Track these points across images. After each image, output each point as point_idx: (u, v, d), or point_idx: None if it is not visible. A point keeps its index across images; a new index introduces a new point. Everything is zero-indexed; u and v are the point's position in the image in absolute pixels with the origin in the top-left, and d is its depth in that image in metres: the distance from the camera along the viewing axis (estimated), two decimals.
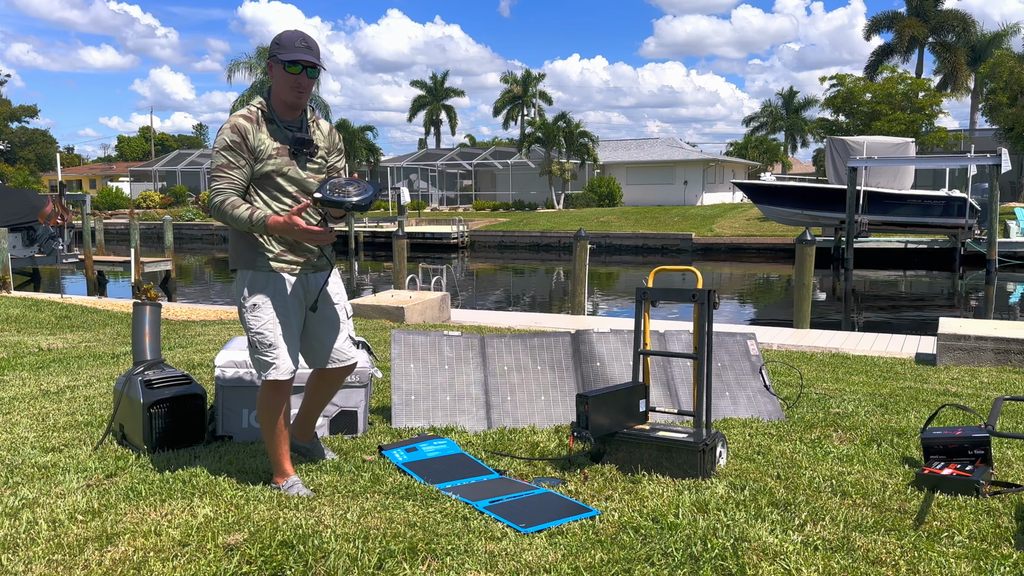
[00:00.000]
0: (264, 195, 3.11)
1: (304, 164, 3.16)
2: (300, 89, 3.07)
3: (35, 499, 2.99)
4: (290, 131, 3.13)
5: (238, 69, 43.59)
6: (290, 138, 3.11)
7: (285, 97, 3.09)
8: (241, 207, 2.99)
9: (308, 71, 3.06)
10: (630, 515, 2.85)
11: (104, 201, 49.26)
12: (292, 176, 3.13)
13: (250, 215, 2.97)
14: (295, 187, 3.14)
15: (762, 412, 4.57)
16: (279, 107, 3.13)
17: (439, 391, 4.40)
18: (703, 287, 3.56)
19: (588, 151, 41.43)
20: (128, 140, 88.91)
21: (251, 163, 3.07)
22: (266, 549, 2.47)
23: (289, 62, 3.02)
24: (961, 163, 25.80)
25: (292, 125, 3.15)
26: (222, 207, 3.01)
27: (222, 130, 3.05)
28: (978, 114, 41.32)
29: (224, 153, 3.03)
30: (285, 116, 3.14)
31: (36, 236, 21.34)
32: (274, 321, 3.10)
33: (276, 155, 3.09)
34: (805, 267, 10.53)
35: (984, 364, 6.89)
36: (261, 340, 3.10)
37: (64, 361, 6.58)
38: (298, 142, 3.12)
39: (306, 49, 3.05)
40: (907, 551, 2.57)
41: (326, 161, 3.26)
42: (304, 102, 3.15)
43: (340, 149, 3.33)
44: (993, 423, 3.34)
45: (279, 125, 3.11)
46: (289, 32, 3.10)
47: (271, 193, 3.11)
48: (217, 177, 3.04)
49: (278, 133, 3.11)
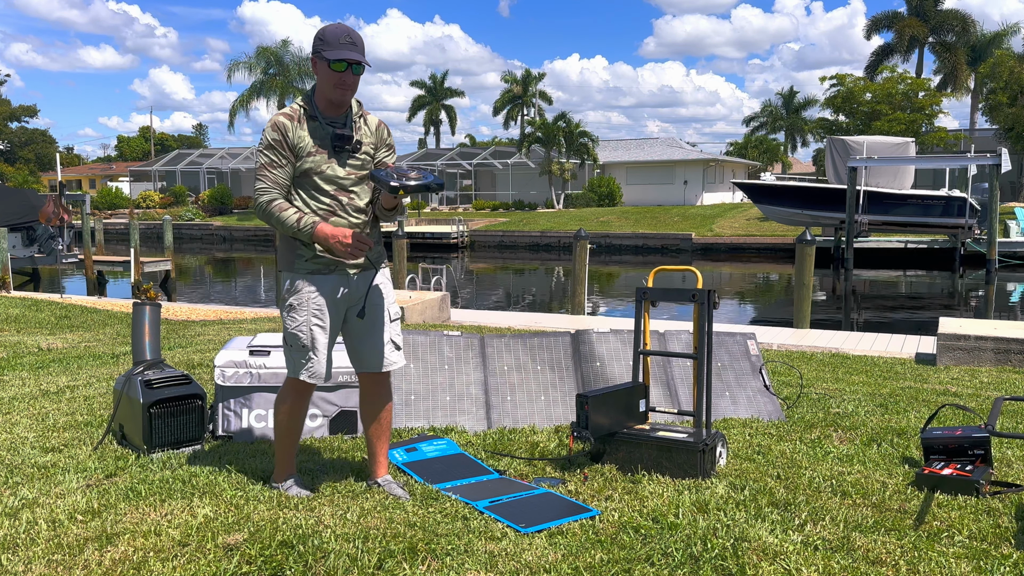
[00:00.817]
0: (303, 193, 3.04)
1: (344, 161, 3.07)
2: (345, 87, 3.00)
3: (35, 499, 2.99)
4: (332, 128, 3.05)
5: (238, 69, 43.67)
6: (330, 135, 3.04)
7: (329, 94, 3.03)
8: (288, 211, 2.95)
9: (353, 68, 2.99)
10: (630, 515, 2.85)
11: (104, 201, 49.26)
12: (329, 174, 3.05)
13: (297, 219, 2.92)
14: (333, 185, 3.05)
15: (762, 412, 4.57)
16: (323, 104, 3.06)
17: (439, 391, 4.40)
18: (703, 287, 3.56)
19: (588, 151, 41.43)
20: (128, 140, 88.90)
21: (292, 161, 3.01)
22: (266, 549, 2.46)
23: (334, 60, 2.94)
24: (961, 163, 25.81)
25: (336, 121, 3.07)
26: (268, 208, 2.97)
27: (264, 130, 3.02)
28: (978, 114, 41.32)
29: (266, 152, 2.99)
30: (329, 113, 3.07)
31: (36, 236, 21.34)
32: (309, 324, 3.04)
33: (315, 152, 3.02)
34: (805, 267, 10.53)
35: (984, 364, 6.88)
36: (294, 342, 3.05)
37: (64, 361, 6.58)
38: (338, 138, 3.04)
39: (351, 45, 2.98)
40: (907, 551, 2.57)
41: (371, 157, 3.16)
42: (349, 99, 3.06)
43: (389, 144, 3.24)
44: (993, 423, 3.33)
45: (321, 122, 3.04)
46: (333, 27, 3.02)
47: (308, 191, 3.04)
48: (260, 177, 3.00)
49: (319, 130, 3.04)
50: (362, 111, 3.18)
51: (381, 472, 3.25)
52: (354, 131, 3.09)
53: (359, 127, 3.12)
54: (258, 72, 43.35)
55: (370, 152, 3.15)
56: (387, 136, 3.22)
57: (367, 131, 3.15)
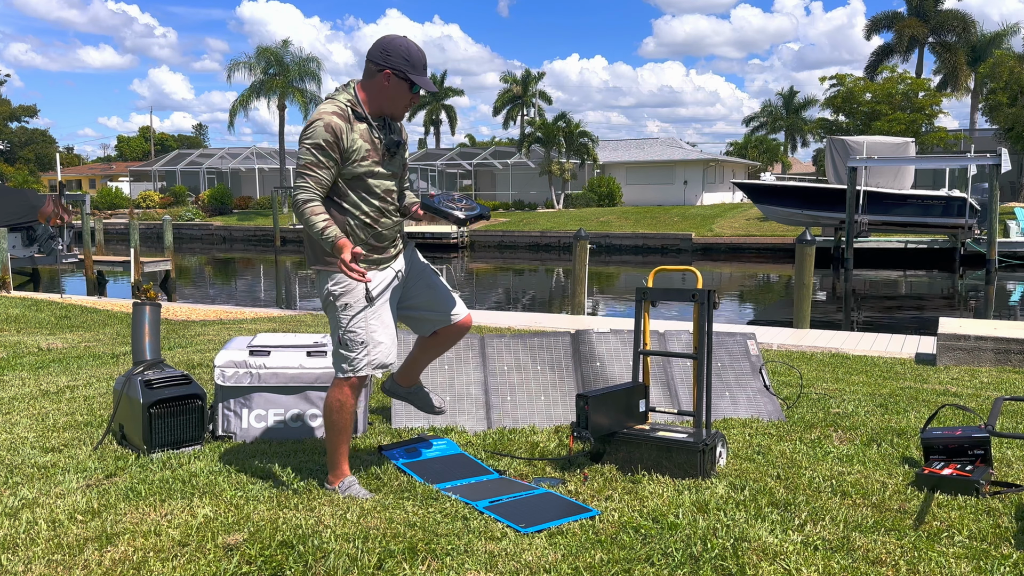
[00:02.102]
0: (354, 195, 3.05)
1: (390, 165, 3.13)
2: (410, 105, 3.12)
3: (35, 499, 2.99)
4: (384, 132, 3.09)
5: (238, 69, 43.65)
6: (383, 140, 3.08)
7: (392, 110, 3.08)
8: (319, 216, 2.94)
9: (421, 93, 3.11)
10: (630, 515, 2.85)
11: (104, 201, 49.25)
12: (382, 178, 3.09)
13: (323, 228, 2.91)
14: (382, 189, 3.10)
15: (762, 412, 4.57)
16: (373, 109, 3.07)
17: (439, 391, 4.39)
18: (703, 287, 3.56)
19: (588, 151, 41.42)
20: (128, 140, 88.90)
21: (339, 163, 3.00)
22: (266, 549, 2.46)
23: (420, 87, 3.03)
24: (961, 163, 25.80)
25: (379, 124, 3.11)
26: (303, 208, 2.95)
27: (313, 126, 2.95)
28: (978, 114, 41.31)
29: (314, 151, 2.94)
30: (375, 114, 3.09)
31: (36, 236, 21.32)
32: (366, 318, 3.07)
33: (368, 156, 3.03)
34: (805, 267, 10.53)
35: (984, 364, 6.88)
36: (352, 338, 3.07)
37: (64, 361, 6.58)
38: (393, 144, 3.10)
39: (427, 73, 3.07)
40: (907, 551, 2.57)
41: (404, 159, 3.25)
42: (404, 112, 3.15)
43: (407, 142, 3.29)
44: (993, 423, 3.33)
45: (371, 126, 3.05)
46: (415, 48, 3.04)
47: (360, 195, 3.06)
48: (303, 175, 2.97)
49: (368, 133, 3.04)
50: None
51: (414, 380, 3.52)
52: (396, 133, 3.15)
53: (393, 128, 3.15)
54: (258, 72, 43.33)
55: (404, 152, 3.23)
56: (407, 135, 3.27)
57: (398, 132, 3.19)
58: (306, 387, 3.97)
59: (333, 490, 3.12)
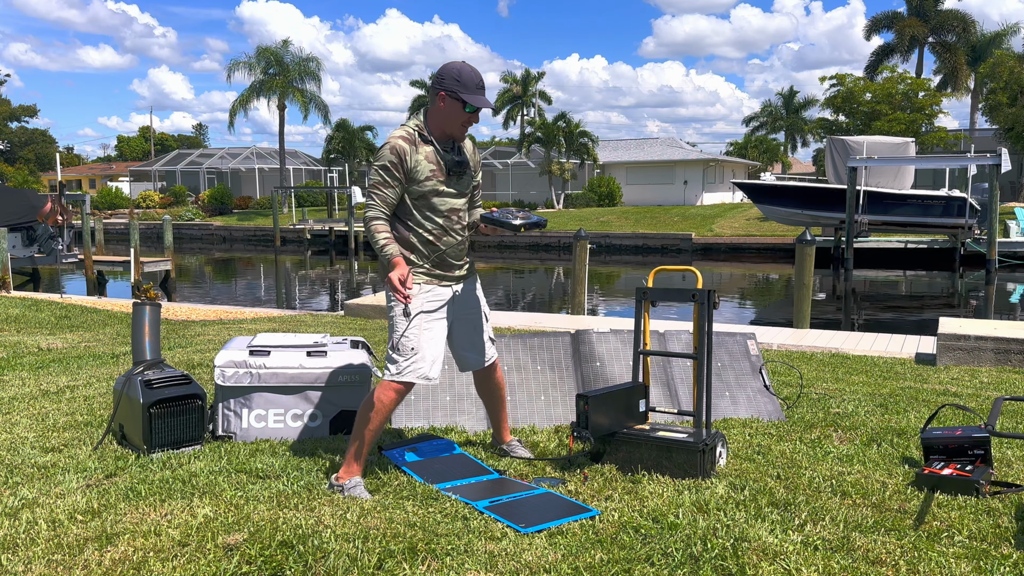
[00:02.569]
0: (419, 214, 3.26)
1: (456, 185, 3.31)
2: (469, 124, 3.26)
3: (35, 499, 2.99)
4: (447, 153, 3.27)
5: (238, 69, 43.66)
6: (448, 161, 3.26)
7: (451, 129, 3.26)
8: (382, 233, 3.19)
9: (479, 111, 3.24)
10: (630, 515, 2.85)
11: (104, 201, 49.25)
12: (445, 197, 3.28)
13: (383, 245, 3.16)
14: (447, 207, 3.29)
15: (762, 412, 4.57)
16: (438, 132, 3.27)
17: (439, 391, 4.40)
18: (703, 287, 3.56)
19: (588, 151, 41.41)
20: (128, 140, 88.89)
21: (403, 183, 3.22)
22: (266, 549, 2.46)
23: (473, 105, 3.18)
24: (961, 163, 25.80)
25: (446, 146, 3.29)
26: (369, 225, 3.22)
27: (382, 149, 3.22)
28: (978, 114, 41.30)
29: (381, 172, 3.19)
30: (441, 139, 3.29)
31: (36, 236, 21.32)
32: (419, 328, 3.24)
33: (432, 176, 3.23)
34: (805, 267, 10.53)
35: (984, 364, 6.88)
36: (404, 344, 3.22)
37: (64, 361, 6.58)
38: (456, 164, 3.29)
39: (483, 91, 3.23)
40: (907, 551, 2.57)
41: (472, 179, 3.41)
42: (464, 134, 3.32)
43: (479, 164, 3.49)
44: (993, 423, 3.34)
45: (437, 147, 3.25)
46: (467, 69, 3.21)
47: (424, 213, 3.26)
48: (371, 194, 3.24)
49: (434, 156, 3.24)
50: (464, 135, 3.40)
51: (506, 437, 3.74)
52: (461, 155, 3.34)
53: (461, 150, 3.36)
54: (258, 72, 43.34)
55: (471, 175, 3.40)
56: (478, 158, 3.49)
57: (467, 154, 3.38)
58: (306, 387, 3.97)
59: (340, 487, 3.13)
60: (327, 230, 36.24)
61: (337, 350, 4.07)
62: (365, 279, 25.28)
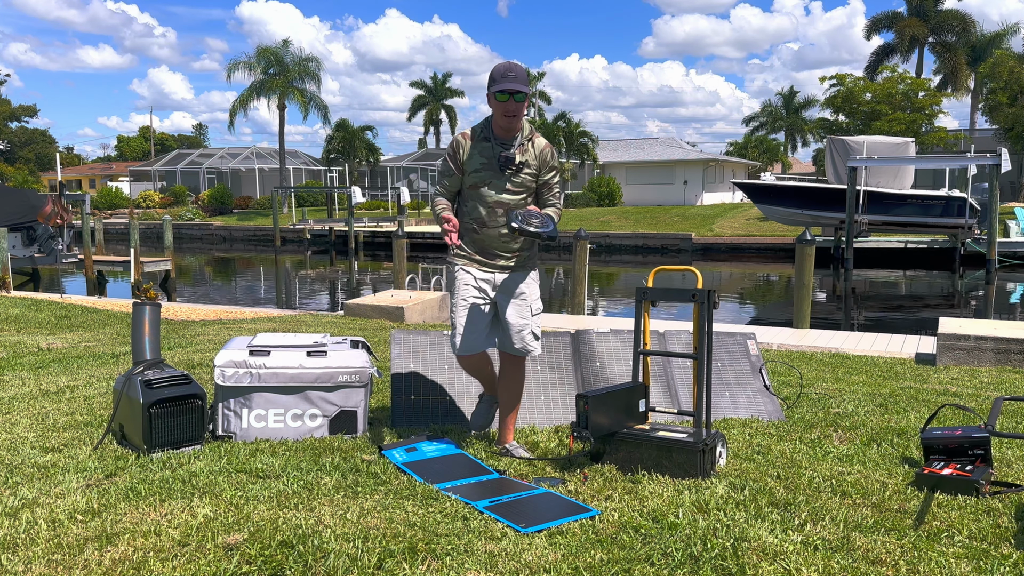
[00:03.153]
0: (469, 202, 3.59)
1: (506, 180, 3.53)
2: (509, 113, 3.43)
3: (35, 499, 2.99)
4: (502, 149, 3.50)
5: (238, 69, 43.65)
6: (497, 155, 3.50)
7: (499, 121, 3.48)
8: (440, 204, 3.59)
9: (515, 96, 3.40)
10: (630, 515, 2.85)
11: (104, 201, 49.24)
12: (491, 190, 3.53)
13: (438, 209, 3.55)
14: (491, 200, 3.53)
15: (762, 412, 4.57)
16: (497, 129, 3.53)
17: (439, 391, 4.40)
18: (703, 287, 3.56)
19: (588, 151, 41.42)
20: (128, 140, 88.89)
21: (457, 173, 3.57)
22: (266, 549, 2.46)
23: (498, 91, 3.38)
24: (961, 163, 25.79)
25: (506, 143, 3.52)
26: (432, 201, 3.63)
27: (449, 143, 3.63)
28: (978, 114, 41.30)
29: (442, 162, 3.62)
30: (501, 135, 3.53)
31: (36, 236, 21.32)
32: (459, 307, 3.61)
33: (481, 169, 3.51)
34: (805, 267, 10.53)
35: (984, 364, 6.88)
36: (451, 320, 3.65)
37: (64, 361, 6.58)
38: (503, 159, 3.50)
39: (512, 78, 3.39)
40: (907, 551, 2.57)
41: (536, 178, 3.58)
42: (516, 125, 3.49)
43: (552, 166, 3.62)
44: (993, 423, 3.34)
45: (493, 143, 3.51)
46: (499, 64, 3.44)
47: (472, 203, 3.58)
48: (437, 182, 3.66)
49: (489, 151, 3.51)
50: (532, 134, 3.58)
51: (508, 438, 3.80)
52: (520, 152, 3.52)
53: (525, 149, 3.54)
54: (258, 72, 43.33)
55: (533, 172, 3.56)
56: (550, 159, 3.61)
57: (532, 153, 3.56)
58: (306, 387, 3.97)
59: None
60: (327, 230, 36.24)
61: (337, 350, 4.07)
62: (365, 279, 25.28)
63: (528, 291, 3.67)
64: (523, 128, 3.54)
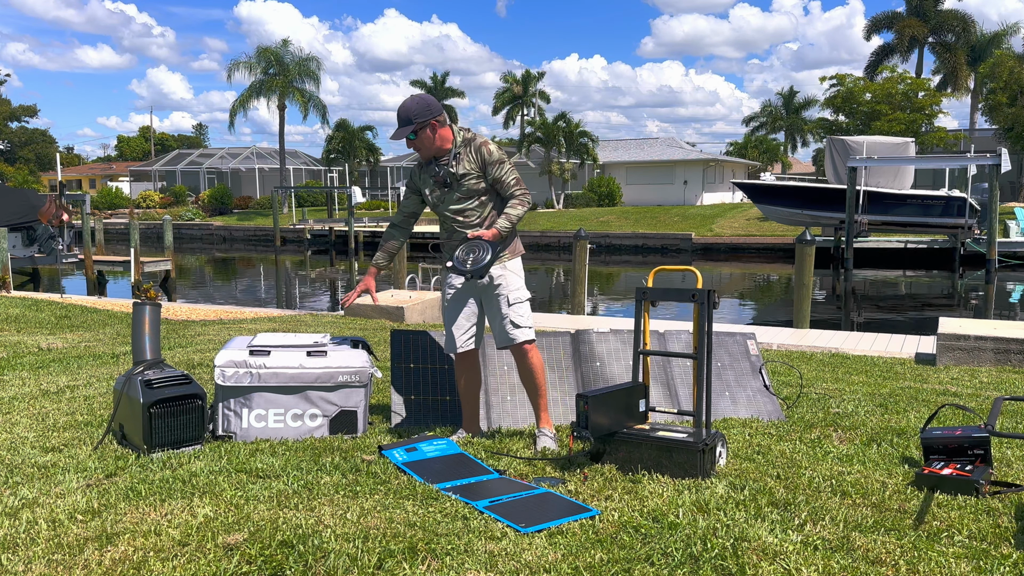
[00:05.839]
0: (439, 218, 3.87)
1: (453, 192, 3.78)
2: (415, 148, 3.77)
3: (35, 499, 2.99)
4: (437, 169, 3.78)
5: (238, 69, 43.66)
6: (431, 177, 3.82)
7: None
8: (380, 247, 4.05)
9: (409, 136, 3.70)
10: (630, 515, 2.85)
11: (104, 201, 49.23)
12: (444, 204, 3.81)
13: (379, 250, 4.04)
14: (448, 212, 3.81)
15: (762, 412, 4.57)
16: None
17: (439, 391, 4.39)
18: (703, 287, 3.56)
19: (588, 151, 41.41)
20: (128, 140, 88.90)
21: (416, 196, 3.95)
22: (266, 549, 2.47)
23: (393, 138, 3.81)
24: (961, 163, 25.80)
25: (440, 164, 3.78)
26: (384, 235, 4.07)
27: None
28: (978, 114, 41.30)
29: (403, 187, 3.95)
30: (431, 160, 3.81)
31: (36, 236, 21.33)
32: (443, 308, 3.99)
33: (434, 189, 3.83)
34: (805, 267, 10.54)
35: (984, 364, 6.89)
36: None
37: (64, 361, 6.58)
38: (440, 177, 3.79)
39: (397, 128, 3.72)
40: (907, 551, 2.57)
41: (482, 179, 3.74)
42: (429, 152, 3.76)
43: (495, 160, 3.73)
44: (993, 423, 3.34)
45: (433, 164, 3.80)
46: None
47: (439, 218, 3.87)
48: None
49: (432, 171, 3.81)
50: (467, 140, 3.75)
51: (540, 424, 3.95)
52: (455, 164, 3.73)
53: (461, 159, 3.74)
54: (258, 72, 43.34)
55: (476, 176, 3.73)
56: (488, 155, 3.72)
57: (471, 158, 3.73)
58: (306, 387, 3.97)
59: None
60: (327, 230, 36.25)
61: (337, 350, 4.07)
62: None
63: (504, 283, 3.81)
64: (454, 139, 3.74)
